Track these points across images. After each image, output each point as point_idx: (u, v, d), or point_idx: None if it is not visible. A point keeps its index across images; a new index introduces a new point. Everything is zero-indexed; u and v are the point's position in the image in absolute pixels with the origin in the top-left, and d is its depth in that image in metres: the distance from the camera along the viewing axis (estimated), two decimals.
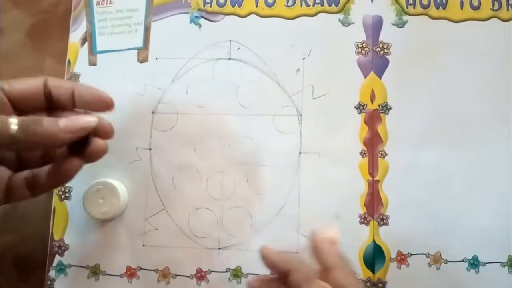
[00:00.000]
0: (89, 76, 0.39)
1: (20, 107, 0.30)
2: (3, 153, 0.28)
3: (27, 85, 0.30)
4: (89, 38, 0.40)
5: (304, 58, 0.38)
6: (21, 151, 0.29)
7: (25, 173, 0.29)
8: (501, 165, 0.35)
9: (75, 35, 0.40)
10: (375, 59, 0.37)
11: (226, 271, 0.35)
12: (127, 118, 0.38)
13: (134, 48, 0.39)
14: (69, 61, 0.39)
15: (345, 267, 0.28)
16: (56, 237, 0.37)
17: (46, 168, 0.29)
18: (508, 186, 0.35)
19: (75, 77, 0.39)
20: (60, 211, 0.37)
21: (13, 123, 0.26)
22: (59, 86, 0.31)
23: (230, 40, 0.38)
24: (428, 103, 0.36)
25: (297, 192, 0.36)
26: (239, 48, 0.38)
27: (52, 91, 0.31)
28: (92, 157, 0.30)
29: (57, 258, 0.36)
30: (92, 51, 0.40)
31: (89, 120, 0.29)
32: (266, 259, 0.29)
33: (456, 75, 0.36)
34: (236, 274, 0.35)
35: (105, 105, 0.31)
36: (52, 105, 0.31)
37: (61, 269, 0.36)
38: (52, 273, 0.36)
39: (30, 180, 0.29)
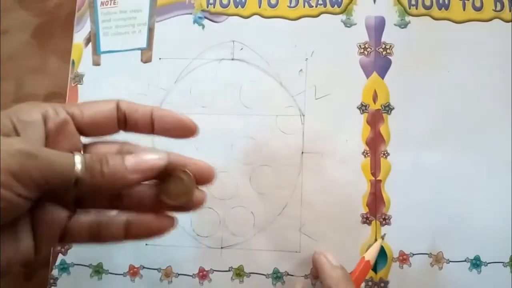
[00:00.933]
0: (93, 76, 0.39)
1: (89, 134, 0.27)
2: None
3: (100, 110, 0.27)
4: (93, 39, 0.40)
5: (306, 59, 0.38)
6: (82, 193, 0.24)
7: (89, 219, 0.26)
8: (504, 166, 0.35)
9: (79, 35, 0.40)
10: (377, 60, 0.37)
11: (229, 270, 0.36)
12: None
13: (138, 49, 0.39)
14: (73, 61, 0.40)
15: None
16: None
17: (120, 219, 0.26)
18: (510, 187, 0.35)
19: (79, 77, 0.39)
20: None
21: (78, 161, 0.23)
22: (136, 110, 0.28)
23: (233, 41, 0.38)
24: (431, 104, 0.36)
25: (299, 192, 0.36)
26: (242, 49, 0.38)
27: (127, 115, 0.28)
28: (184, 209, 0.27)
29: (60, 257, 0.36)
30: (96, 51, 0.40)
31: (158, 158, 0.26)
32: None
33: (459, 76, 0.37)
34: (239, 273, 0.35)
35: (189, 131, 0.29)
36: (126, 129, 0.28)
37: (64, 268, 0.36)
38: (55, 272, 0.36)
39: (95, 229, 0.26)
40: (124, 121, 0.28)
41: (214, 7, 0.39)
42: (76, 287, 0.36)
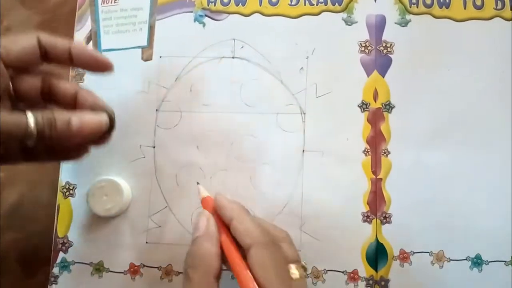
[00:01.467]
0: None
1: (15, 68, 0.30)
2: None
3: (23, 47, 0.30)
4: (94, 37, 0.40)
5: (307, 57, 0.38)
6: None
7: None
8: (505, 165, 0.35)
9: (80, 33, 0.40)
10: (378, 58, 0.37)
11: (229, 269, 0.35)
12: (131, 116, 0.38)
13: (139, 47, 0.39)
14: None
15: (244, 217, 0.29)
16: (60, 234, 0.37)
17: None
18: (511, 186, 0.35)
19: (80, 75, 0.39)
20: (64, 208, 0.37)
21: (31, 120, 0.27)
22: (55, 45, 0.31)
23: (234, 39, 0.38)
24: (431, 102, 0.36)
25: (300, 190, 0.36)
26: (242, 47, 0.38)
27: (47, 50, 0.31)
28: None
29: (61, 255, 0.37)
30: (97, 49, 0.40)
31: (100, 122, 0.29)
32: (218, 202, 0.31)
33: (459, 74, 0.37)
34: None
35: (104, 67, 0.32)
36: (48, 62, 0.31)
37: (65, 266, 0.36)
38: (56, 270, 0.36)
39: (29, 150, 0.29)
40: (45, 54, 0.30)
41: (214, 5, 0.39)
42: (77, 285, 0.36)
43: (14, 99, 0.30)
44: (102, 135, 0.30)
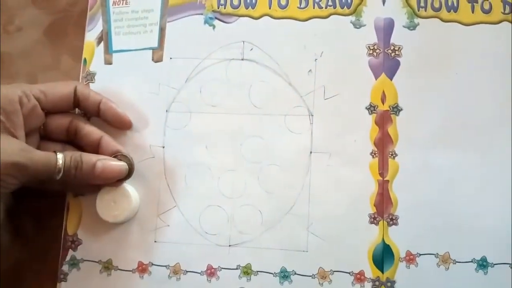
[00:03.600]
0: (104, 75, 0.40)
1: (50, 111, 0.35)
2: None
3: (60, 95, 0.35)
4: (105, 38, 0.40)
5: (316, 59, 0.38)
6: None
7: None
8: None
9: (91, 34, 0.41)
10: (386, 61, 0.37)
11: (236, 268, 0.36)
12: (141, 116, 0.39)
13: (149, 48, 0.40)
14: (85, 60, 0.40)
15: None
16: (69, 232, 0.37)
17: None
18: None
19: (91, 75, 0.40)
20: (74, 206, 0.38)
21: (60, 160, 0.32)
22: (88, 97, 0.36)
23: (243, 41, 0.39)
24: (439, 105, 0.37)
25: (307, 191, 0.36)
26: (252, 49, 0.39)
27: (80, 100, 0.36)
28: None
29: (70, 252, 0.37)
30: (108, 50, 0.40)
31: (121, 169, 0.35)
32: None
33: (467, 78, 0.37)
34: (246, 271, 0.36)
35: (124, 125, 0.38)
36: (79, 108, 0.37)
37: (74, 263, 0.37)
38: (65, 267, 0.37)
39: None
40: (78, 102, 0.36)
41: (225, 8, 0.40)
42: (86, 283, 0.37)
43: (41, 135, 0.36)
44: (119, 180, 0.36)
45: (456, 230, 0.35)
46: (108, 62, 0.40)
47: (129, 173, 0.36)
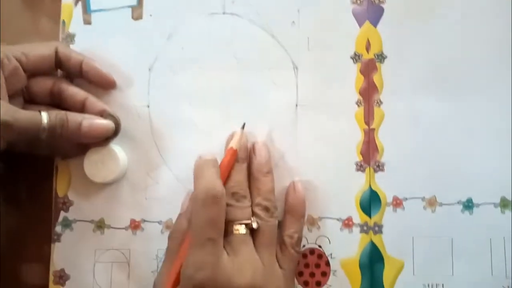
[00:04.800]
0: (84, 36, 0.39)
1: (31, 73, 0.35)
2: None
3: (41, 56, 0.35)
4: None
5: (299, 10, 0.37)
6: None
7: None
8: (497, 110, 0.35)
9: None
10: (370, 8, 0.37)
11: None
12: (124, 76, 0.38)
13: (128, 6, 0.39)
14: (63, 22, 0.39)
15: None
16: (60, 194, 0.38)
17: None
18: (503, 130, 0.35)
19: (70, 37, 0.39)
20: (62, 168, 0.38)
21: (44, 118, 0.32)
22: (69, 58, 0.36)
23: None
24: (424, 52, 0.36)
25: (294, 143, 0.37)
26: (233, 2, 0.38)
27: (62, 61, 0.36)
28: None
29: (62, 214, 0.37)
30: (86, 10, 0.39)
31: (108, 127, 0.35)
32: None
33: (453, 24, 0.36)
34: None
35: (108, 85, 0.37)
36: (61, 69, 0.37)
37: (67, 224, 0.37)
38: (58, 228, 0.37)
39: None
40: (60, 63, 0.36)
41: None
42: (80, 242, 0.37)
43: (26, 99, 0.35)
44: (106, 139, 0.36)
45: (442, 174, 0.35)
46: (87, 22, 0.39)
47: (116, 131, 0.36)
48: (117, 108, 0.37)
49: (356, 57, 0.37)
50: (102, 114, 0.35)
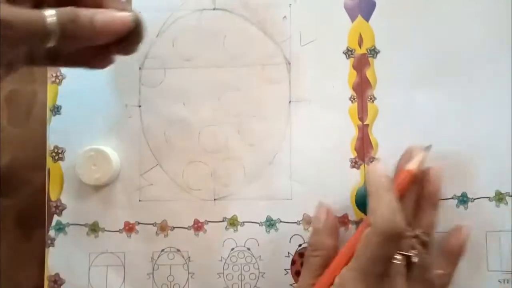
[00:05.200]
0: None
1: None
2: None
3: None
4: None
5: (290, 4, 0.37)
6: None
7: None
8: (491, 103, 0.35)
9: None
10: (362, 2, 0.36)
11: (223, 221, 0.36)
12: (114, 76, 0.37)
13: None
14: None
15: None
16: (52, 198, 0.37)
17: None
18: (498, 123, 0.35)
19: None
20: (55, 172, 0.37)
21: (50, 14, 0.25)
22: None
23: None
24: (417, 46, 0.36)
25: (288, 141, 0.36)
26: None
27: None
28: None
29: (55, 218, 0.37)
30: None
31: (126, 21, 0.28)
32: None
33: (447, 15, 0.36)
34: (233, 222, 0.36)
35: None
36: None
37: (60, 228, 0.37)
38: (52, 233, 0.37)
39: (53, 52, 0.29)
40: None
41: None
42: (74, 246, 0.37)
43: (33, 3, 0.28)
44: (129, 42, 0.29)
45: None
46: None
47: (139, 32, 0.29)
48: (107, 108, 0.37)
49: (348, 52, 0.36)
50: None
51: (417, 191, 0.31)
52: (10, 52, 0.26)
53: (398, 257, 0.29)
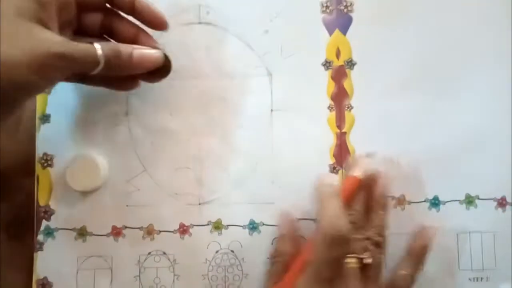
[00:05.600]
0: None
1: (82, 5, 0.33)
2: None
3: None
4: None
5: (271, 20, 0.39)
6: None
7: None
8: (464, 112, 0.38)
9: None
10: (339, 17, 0.39)
11: (208, 224, 0.38)
12: None
13: None
14: None
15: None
16: (41, 203, 0.38)
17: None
18: (468, 130, 0.37)
19: None
20: (44, 178, 0.38)
21: (99, 49, 0.30)
22: None
23: (200, 5, 0.39)
24: (392, 57, 0.38)
25: (270, 148, 0.38)
26: (208, 12, 0.39)
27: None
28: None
29: (44, 223, 0.38)
30: None
31: (157, 57, 0.34)
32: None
33: (422, 27, 0.38)
34: (217, 226, 0.38)
35: (160, 25, 0.35)
36: (112, 6, 0.35)
37: (49, 233, 0.38)
38: (40, 237, 0.38)
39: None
40: (112, 1, 0.34)
41: None
42: (62, 251, 0.38)
43: (75, 32, 0.34)
44: (157, 74, 0.36)
45: (410, 175, 0.37)
46: None
47: (167, 67, 0.36)
48: (96, 116, 0.38)
49: (327, 64, 0.39)
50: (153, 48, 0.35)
51: (366, 195, 0.33)
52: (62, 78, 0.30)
53: (351, 260, 0.30)
